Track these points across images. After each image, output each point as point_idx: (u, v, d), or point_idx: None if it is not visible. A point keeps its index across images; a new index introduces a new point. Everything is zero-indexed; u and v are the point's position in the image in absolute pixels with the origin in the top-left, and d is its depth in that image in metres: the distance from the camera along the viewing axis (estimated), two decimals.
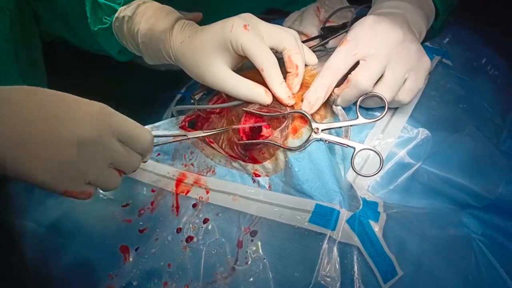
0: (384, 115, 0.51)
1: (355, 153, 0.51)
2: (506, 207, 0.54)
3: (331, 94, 0.55)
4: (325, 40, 0.69)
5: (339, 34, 0.68)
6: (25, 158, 0.37)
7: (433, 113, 0.60)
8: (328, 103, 0.57)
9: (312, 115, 0.54)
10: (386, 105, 0.51)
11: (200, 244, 0.53)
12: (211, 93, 0.71)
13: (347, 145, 0.52)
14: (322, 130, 0.54)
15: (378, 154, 0.50)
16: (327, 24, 0.75)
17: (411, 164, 0.56)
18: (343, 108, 0.56)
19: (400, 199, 0.56)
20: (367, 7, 0.82)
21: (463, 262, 0.48)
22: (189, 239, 0.53)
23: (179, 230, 0.54)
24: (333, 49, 0.68)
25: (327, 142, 0.54)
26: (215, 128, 0.61)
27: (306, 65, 0.58)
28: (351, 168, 0.52)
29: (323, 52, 0.65)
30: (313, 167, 0.52)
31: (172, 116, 0.74)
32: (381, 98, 0.52)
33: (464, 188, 0.55)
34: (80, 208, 0.60)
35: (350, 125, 0.53)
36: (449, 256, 0.48)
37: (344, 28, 0.70)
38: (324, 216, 0.47)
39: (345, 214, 0.48)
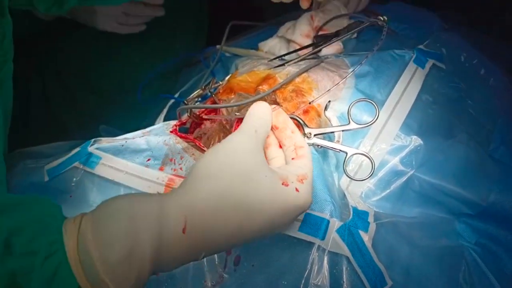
0: (375, 120, 0.51)
1: (347, 157, 0.51)
2: (498, 215, 0.54)
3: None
4: (317, 48, 0.69)
5: (332, 42, 0.68)
6: None
7: (426, 119, 0.59)
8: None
9: (305, 122, 0.54)
10: (377, 110, 0.51)
11: None
12: (205, 99, 0.71)
13: (340, 150, 0.52)
14: (315, 135, 0.53)
15: (369, 159, 0.50)
16: (321, 33, 0.75)
17: (404, 171, 0.56)
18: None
19: (393, 207, 0.55)
20: (365, 14, 0.82)
21: (454, 272, 0.48)
22: None
23: None
24: (326, 57, 0.68)
25: (319, 146, 0.53)
26: (205, 134, 0.60)
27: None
28: (344, 175, 0.52)
29: (317, 60, 0.64)
30: None
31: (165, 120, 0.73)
32: (372, 103, 0.51)
33: (457, 195, 0.55)
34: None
35: (342, 130, 0.53)
36: (440, 266, 0.47)
37: (337, 36, 0.70)
38: (313, 225, 0.47)
39: (335, 223, 0.47)
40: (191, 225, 0.33)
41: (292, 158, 0.44)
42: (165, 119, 0.77)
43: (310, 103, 0.56)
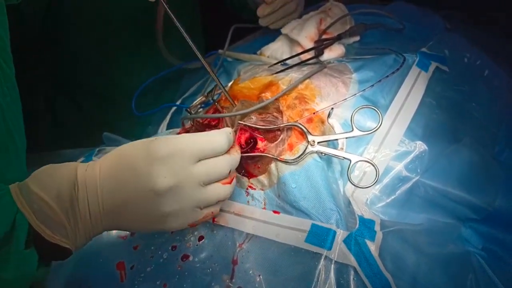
0: (379, 127, 0.51)
1: (351, 164, 0.51)
2: (504, 219, 0.54)
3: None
4: (319, 51, 0.68)
5: (331, 43, 0.68)
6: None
7: (430, 123, 0.59)
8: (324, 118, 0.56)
9: (309, 130, 0.54)
10: (381, 117, 0.51)
11: (196, 263, 0.52)
12: (207, 106, 0.71)
13: (343, 157, 0.52)
14: (318, 143, 0.53)
15: (373, 166, 0.50)
16: (324, 36, 0.74)
17: (409, 177, 0.55)
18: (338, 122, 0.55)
19: (398, 213, 0.55)
20: (365, 13, 0.82)
21: (461, 279, 0.48)
22: (184, 257, 0.52)
23: (174, 248, 0.54)
24: (328, 62, 0.68)
25: (323, 154, 0.53)
26: None
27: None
28: (349, 182, 0.51)
29: (320, 66, 0.64)
30: (310, 184, 0.52)
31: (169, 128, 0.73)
32: (375, 110, 0.51)
33: (463, 200, 0.55)
34: None
35: (346, 137, 0.53)
36: (447, 273, 0.47)
37: (339, 39, 0.70)
38: (320, 236, 0.47)
39: (341, 233, 0.47)
40: (91, 168, 0.44)
41: None
42: (169, 125, 0.77)
43: (314, 113, 0.56)
